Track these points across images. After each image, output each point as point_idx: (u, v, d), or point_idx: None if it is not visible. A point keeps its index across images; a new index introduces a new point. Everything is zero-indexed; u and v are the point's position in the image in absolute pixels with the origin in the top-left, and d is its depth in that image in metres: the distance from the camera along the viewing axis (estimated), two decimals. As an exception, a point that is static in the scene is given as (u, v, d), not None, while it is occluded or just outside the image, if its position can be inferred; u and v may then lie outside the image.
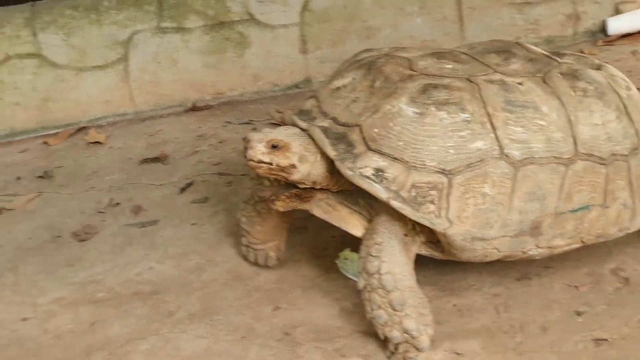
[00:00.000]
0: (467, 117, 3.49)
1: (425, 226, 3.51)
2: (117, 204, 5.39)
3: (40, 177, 5.99)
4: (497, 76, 3.69)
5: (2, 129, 6.80)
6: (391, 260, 3.50)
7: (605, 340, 3.58)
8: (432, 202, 3.43)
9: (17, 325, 4.20)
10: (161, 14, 6.84)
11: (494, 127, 3.50)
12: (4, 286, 4.58)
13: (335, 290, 4.10)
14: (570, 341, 3.60)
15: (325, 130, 3.66)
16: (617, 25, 7.00)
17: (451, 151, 3.46)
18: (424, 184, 3.44)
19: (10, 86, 6.75)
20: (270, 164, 3.60)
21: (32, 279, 4.61)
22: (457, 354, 3.57)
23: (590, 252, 4.07)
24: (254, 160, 3.59)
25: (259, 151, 3.58)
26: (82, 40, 6.85)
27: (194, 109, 6.92)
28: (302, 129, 3.74)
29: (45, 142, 6.64)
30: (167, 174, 5.72)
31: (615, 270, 4.07)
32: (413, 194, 3.42)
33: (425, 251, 3.72)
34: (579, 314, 3.77)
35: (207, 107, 6.91)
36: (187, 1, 6.84)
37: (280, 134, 3.66)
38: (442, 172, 3.44)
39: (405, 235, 3.62)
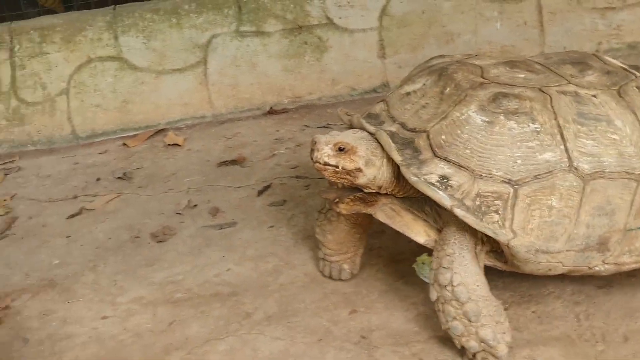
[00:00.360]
0: (537, 128, 3.46)
1: (490, 236, 3.48)
2: (195, 205, 5.45)
3: (120, 178, 6.09)
4: (571, 87, 3.63)
5: (83, 131, 6.93)
6: (463, 271, 3.48)
7: (692, 351, 3.54)
8: (496, 211, 3.40)
9: (97, 323, 4.27)
10: (240, 17, 6.91)
11: (564, 139, 3.46)
12: (84, 285, 4.66)
13: (413, 294, 4.09)
14: (653, 351, 3.56)
15: (392, 135, 3.64)
16: None
17: (518, 161, 3.42)
18: (489, 194, 3.41)
19: (91, 88, 6.88)
20: (336, 166, 3.60)
21: (111, 278, 4.69)
22: (537, 361, 3.55)
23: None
24: (320, 163, 3.60)
25: (325, 153, 3.59)
26: (162, 43, 6.95)
27: (272, 112, 6.97)
28: (370, 133, 3.72)
29: (125, 144, 6.75)
30: (244, 176, 5.76)
31: (700, 279, 4.00)
32: (477, 202, 3.40)
33: (488, 261, 3.67)
34: (664, 323, 3.73)
35: (284, 111, 6.95)
36: (266, 5, 6.90)
37: (348, 137, 3.66)
38: (509, 182, 3.41)
39: (476, 245, 3.60)
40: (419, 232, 3.71)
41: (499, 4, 6.95)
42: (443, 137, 3.52)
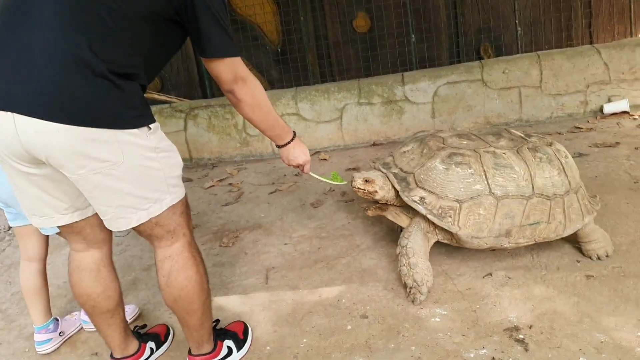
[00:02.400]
0: (472, 172, 3.37)
1: (444, 228, 3.41)
2: (332, 190, 5.45)
3: (296, 175, 6.16)
4: (491, 149, 3.51)
5: (277, 150, 7.06)
6: (414, 241, 3.40)
7: (592, 276, 3.42)
8: (450, 216, 3.32)
9: (282, 246, 4.34)
10: (360, 95, 6.95)
11: (486, 177, 3.36)
12: (276, 227, 4.75)
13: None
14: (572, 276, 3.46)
15: (395, 174, 3.59)
16: (609, 108, 6.62)
17: (462, 190, 3.34)
18: (446, 207, 3.33)
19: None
20: (364, 189, 3.58)
21: (290, 224, 4.77)
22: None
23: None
24: (356, 187, 3.59)
25: (359, 182, 3.57)
26: (319, 106, 7.04)
27: (375, 144, 6.94)
28: (383, 172, 3.70)
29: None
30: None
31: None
32: (440, 212, 3.33)
33: (446, 241, 3.54)
34: (578, 261, 3.61)
35: (381, 144, 6.89)
36: (373, 89, 6.90)
37: (371, 174, 3.62)
38: (457, 200, 3.33)
39: (427, 232, 3.50)
40: (405, 222, 3.64)
41: (497, 91, 6.82)
42: (422, 176, 3.47)
